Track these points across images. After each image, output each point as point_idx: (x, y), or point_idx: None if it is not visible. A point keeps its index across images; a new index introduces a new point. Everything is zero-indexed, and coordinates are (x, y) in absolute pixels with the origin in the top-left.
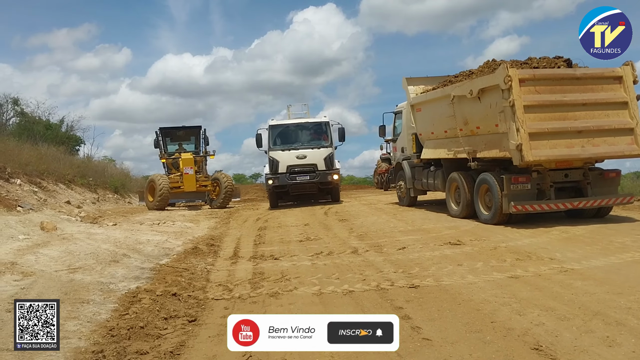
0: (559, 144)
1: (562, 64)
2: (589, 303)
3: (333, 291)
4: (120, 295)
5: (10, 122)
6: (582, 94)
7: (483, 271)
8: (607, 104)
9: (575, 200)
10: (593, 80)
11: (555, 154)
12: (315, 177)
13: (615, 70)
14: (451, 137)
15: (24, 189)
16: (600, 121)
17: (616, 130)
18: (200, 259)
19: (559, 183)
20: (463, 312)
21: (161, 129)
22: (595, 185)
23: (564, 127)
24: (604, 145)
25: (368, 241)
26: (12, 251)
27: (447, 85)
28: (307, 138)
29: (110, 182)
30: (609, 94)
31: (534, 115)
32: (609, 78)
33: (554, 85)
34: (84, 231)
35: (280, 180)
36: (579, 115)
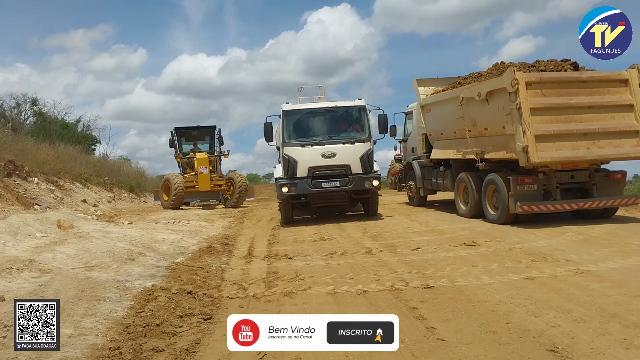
0: (565, 146)
1: (569, 67)
2: (606, 305)
3: (347, 291)
4: (136, 293)
5: (28, 122)
6: (588, 97)
7: (498, 272)
8: (613, 106)
9: (581, 201)
10: (599, 83)
11: (561, 155)
12: (347, 183)
13: (621, 73)
14: (460, 138)
15: (41, 187)
16: (605, 123)
17: (621, 133)
18: (215, 257)
19: (565, 184)
20: (478, 313)
21: (176, 128)
22: (601, 187)
23: (569, 129)
24: (609, 148)
25: (382, 241)
26: (30, 249)
27: (456, 87)
28: (335, 129)
29: (125, 181)
30: (615, 96)
31: (540, 118)
32: (615, 81)
33: (561, 88)
34: (100, 229)
35: (300, 188)
36: (584, 117)
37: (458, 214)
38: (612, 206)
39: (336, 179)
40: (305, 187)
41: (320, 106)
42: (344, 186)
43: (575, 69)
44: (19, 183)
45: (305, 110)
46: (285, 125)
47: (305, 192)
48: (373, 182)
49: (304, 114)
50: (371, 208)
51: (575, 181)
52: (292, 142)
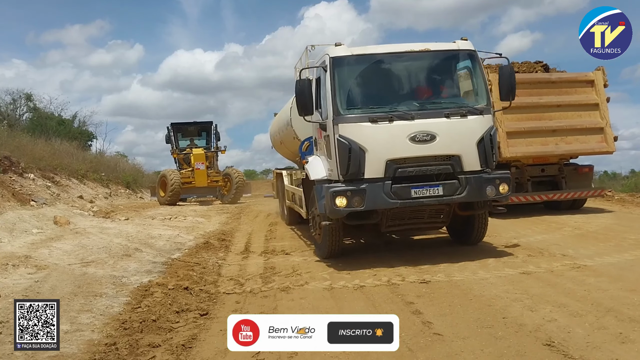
0: (535, 142)
1: (540, 69)
2: (602, 299)
3: (344, 286)
4: (133, 288)
5: (24, 118)
6: (557, 96)
7: (495, 267)
8: (580, 105)
9: (551, 192)
10: (567, 84)
11: (531, 150)
12: (457, 189)
13: (587, 74)
14: None
15: (37, 183)
16: (573, 121)
17: (587, 130)
18: (212, 253)
19: (536, 177)
20: (474, 307)
21: (173, 124)
22: (569, 180)
23: (539, 126)
24: (576, 143)
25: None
26: (26, 245)
27: None
28: (430, 91)
29: (122, 177)
30: (582, 96)
31: (512, 116)
32: (582, 82)
33: (532, 89)
34: (96, 225)
35: (372, 199)
36: (553, 115)
37: None
38: (580, 197)
39: (437, 183)
40: (382, 197)
41: (403, 50)
42: (452, 194)
43: (545, 71)
44: (15, 179)
45: (376, 57)
46: (338, 85)
47: (382, 205)
48: (500, 186)
49: (373, 63)
50: (476, 232)
51: (545, 174)
52: (354, 115)
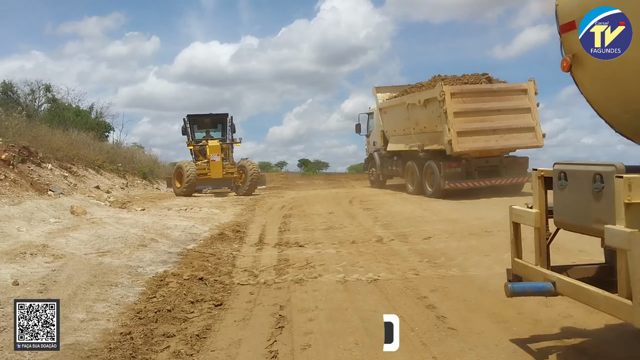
0: (480, 139)
1: (484, 80)
2: None
3: (357, 279)
4: (148, 278)
5: (42, 108)
6: (497, 103)
7: (510, 262)
8: (515, 109)
9: (494, 179)
10: (506, 92)
11: (476, 146)
12: None
13: (521, 85)
14: (407, 134)
15: (54, 173)
16: (510, 122)
17: (522, 129)
18: (227, 244)
19: (482, 167)
20: (489, 302)
21: (189, 116)
22: (509, 169)
23: (483, 127)
24: (512, 140)
25: (393, 230)
26: (44, 234)
27: (404, 95)
28: None
29: (138, 168)
30: (517, 102)
31: (461, 119)
32: (517, 90)
33: (477, 97)
34: (112, 216)
35: None
36: (494, 118)
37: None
38: (517, 183)
39: None
40: None
41: None
42: None
43: (489, 82)
44: (33, 169)
45: None
46: None
47: None
48: None
49: None
50: None
51: (489, 165)
52: None
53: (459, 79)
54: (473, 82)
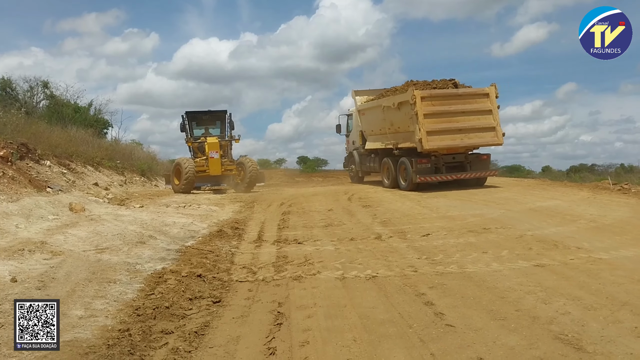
0: (447, 138)
1: (451, 85)
2: (617, 293)
3: (356, 276)
4: (147, 275)
5: (40, 105)
6: (462, 105)
7: (508, 259)
8: (478, 111)
9: (460, 173)
10: (469, 96)
11: (444, 144)
12: None
13: (484, 89)
14: (383, 134)
15: (53, 170)
16: (473, 123)
17: (484, 128)
18: (225, 241)
19: (449, 163)
20: (487, 299)
21: (187, 113)
22: (473, 164)
23: (449, 127)
24: (475, 138)
25: (392, 227)
26: (42, 231)
27: (380, 98)
28: None
29: (137, 165)
30: (480, 105)
31: (430, 120)
32: (480, 94)
33: (444, 100)
34: (111, 212)
35: None
36: (460, 119)
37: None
38: (480, 177)
39: None
40: None
41: None
42: None
43: (455, 87)
44: (32, 166)
45: None
46: None
47: None
48: None
49: None
50: None
51: (455, 161)
52: None
53: (428, 84)
54: (441, 87)
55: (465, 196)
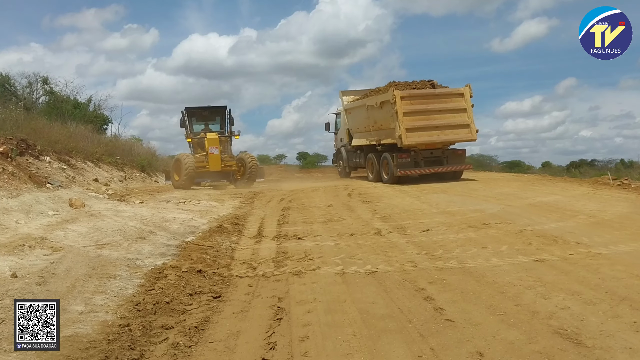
0: (424, 134)
1: (429, 85)
2: (616, 288)
3: (356, 271)
4: (147, 271)
5: (40, 101)
6: (439, 104)
7: (508, 254)
8: (454, 110)
9: (437, 167)
10: (446, 96)
11: (422, 140)
12: None
13: (459, 89)
14: (367, 131)
15: (53, 166)
16: (449, 120)
17: (459, 125)
18: (225, 237)
19: (427, 158)
20: (487, 294)
21: (187, 108)
22: (450, 159)
23: (427, 124)
24: (451, 135)
25: (391, 223)
26: (42, 227)
27: (365, 98)
28: None
29: (137, 160)
30: (455, 104)
31: (409, 117)
32: (456, 94)
33: (422, 99)
34: (111, 208)
35: None
36: (437, 117)
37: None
38: (456, 170)
39: None
40: None
41: None
42: None
43: (433, 87)
44: (31, 162)
45: None
46: None
47: None
48: None
49: None
50: None
51: (433, 156)
52: None
53: (408, 84)
54: (420, 88)
55: (465, 192)
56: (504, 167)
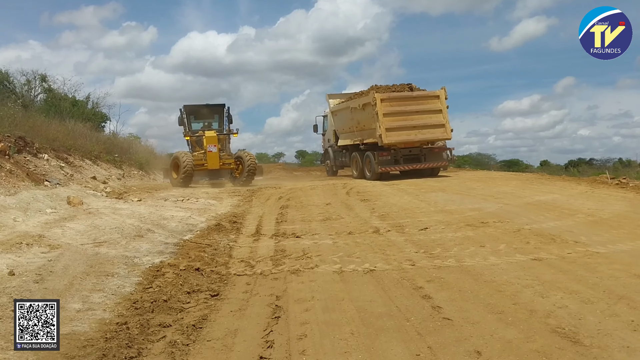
0: (403, 133)
1: (407, 88)
2: (614, 287)
3: (354, 270)
4: (144, 269)
5: (38, 98)
6: (416, 106)
7: (506, 253)
8: (430, 111)
9: (416, 164)
10: (423, 98)
11: (401, 139)
12: None
13: (435, 92)
14: (352, 132)
15: (51, 164)
16: (426, 120)
17: (435, 125)
18: (223, 235)
19: (407, 155)
20: (485, 293)
21: (185, 106)
22: (428, 156)
23: (406, 124)
24: (428, 134)
25: (390, 221)
26: (40, 224)
27: (349, 100)
28: None
29: (135, 158)
30: (431, 105)
31: (389, 118)
32: (432, 96)
33: (401, 101)
34: (109, 206)
35: None
36: (414, 117)
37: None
38: (434, 167)
39: None
40: None
41: None
42: None
43: (411, 90)
44: (29, 159)
45: None
46: None
47: None
48: None
49: None
50: None
51: (412, 153)
52: None
53: (389, 87)
54: (399, 91)
55: (463, 190)
56: (502, 165)
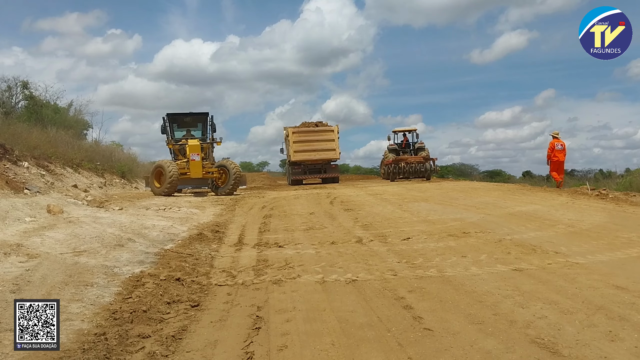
0: (306, 154)
1: (314, 125)
2: (593, 297)
3: (336, 280)
4: (124, 279)
5: (19, 106)
6: (317, 136)
7: (487, 263)
8: (327, 140)
9: (317, 174)
10: (322, 131)
11: (305, 158)
12: None
13: (331, 127)
14: (289, 154)
15: (31, 171)
16: (323, 145)
17: (328, 149)
18: (205, 245)
19: (312, 169)
20: (465, 303)
21: (168, 114)
22: (327, 170)
23: (309, 148)
24: (323, 155)
25: (373, 231)
26: (18, 233)
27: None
28: None
29: (117, 166)
30: (328, 135)
31: (298, 144)
32: (329, 130)
33: (307, 134)
34: (90, 215)
35: None
36: (315, 144)
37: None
38: (333, 177)
39: None
40: None
41: None
42: None
43: (316, 126)
44: (9, 167)
45: None
46: None
47: None
48: None
49: None
50: None
51: (316, 168)
52: None
53: (303, 124)
54: (308, 126)
55: (446, 200)
56: (485, 176)
